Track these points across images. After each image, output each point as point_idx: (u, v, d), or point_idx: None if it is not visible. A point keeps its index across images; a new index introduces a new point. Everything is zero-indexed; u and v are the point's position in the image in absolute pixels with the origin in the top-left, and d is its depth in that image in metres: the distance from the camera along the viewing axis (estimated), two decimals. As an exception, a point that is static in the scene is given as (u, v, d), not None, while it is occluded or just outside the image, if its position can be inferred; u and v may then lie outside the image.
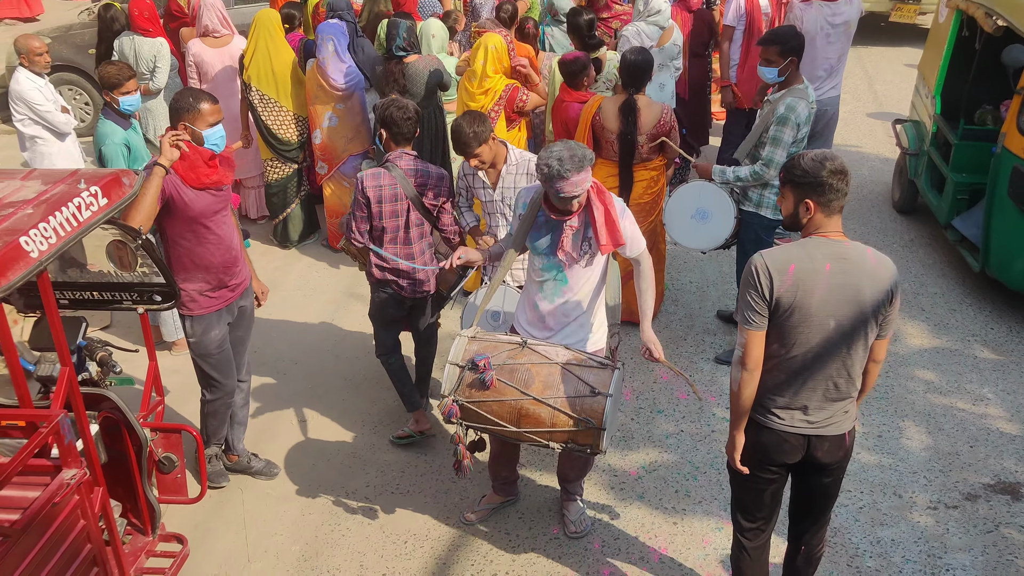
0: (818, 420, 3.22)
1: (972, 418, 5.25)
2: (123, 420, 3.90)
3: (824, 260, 3.04)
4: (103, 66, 5.33)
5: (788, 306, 3.05)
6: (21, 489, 3.17)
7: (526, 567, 4.31)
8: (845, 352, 3.11)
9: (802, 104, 5.01)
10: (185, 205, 4.09)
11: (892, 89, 10.18)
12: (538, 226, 3.87)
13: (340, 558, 4.40)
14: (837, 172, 3.05)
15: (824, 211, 3.09)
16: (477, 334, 3.84)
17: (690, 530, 4.50)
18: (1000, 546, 4.37)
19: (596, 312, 4.01)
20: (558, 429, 3.58)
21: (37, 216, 3.10)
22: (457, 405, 3.67)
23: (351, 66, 6.62)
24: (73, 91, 9.48)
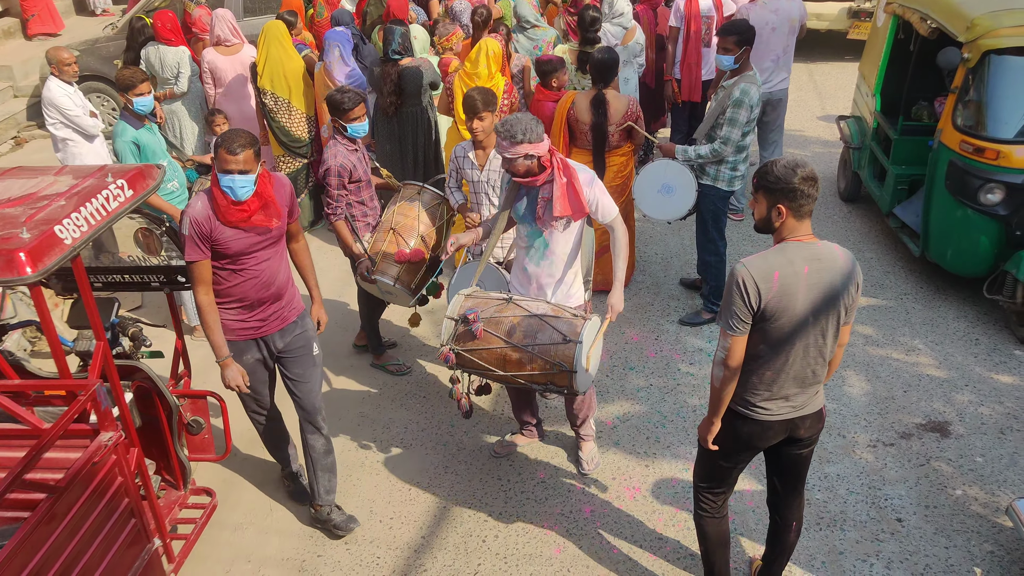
0: (799, 404, 3.13)
1: (905, 366, 5.27)
2: (154, 388, 3.89)
3: (803, 263, 2.93)
4: (119, 70, 5.28)
5: (774, 311, 2.94)
6: (65, 451, 3.15)
7: (516, 508, 4.32)
8: (821, 342, 3.04)
9: (753, 88, 5.03)
10: (218, 242, 3.55)
11: (841, 95, 10.04)
12: (519, 195, 3.99)
13: (352, 505, 4.40)
14: (808, 179, 2.91)
15: (795, 216, 2.96)
16: (472, 292, 3.92)
17: (660, 472, 4.52)
18: (931, 478, 4.40)
19: (575, 270, 4.10)
20: (537, 372, 3.64)
21: (70, 207, 3.07)
22: (453, 353, 3.75)
23: (354, 69, 6.62)
24: (101, 98, 9.36)
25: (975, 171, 5.29)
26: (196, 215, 3.51)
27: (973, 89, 5.36)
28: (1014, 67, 5.29)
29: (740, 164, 5.28)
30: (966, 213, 5.42)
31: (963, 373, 5.18)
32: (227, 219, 3.52)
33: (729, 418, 3.21)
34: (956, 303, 5.87)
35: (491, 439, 4.81)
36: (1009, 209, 5.25)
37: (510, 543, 4.12)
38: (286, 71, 6.64)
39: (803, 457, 3.32)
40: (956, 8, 5.54)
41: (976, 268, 5.63)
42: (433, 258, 4.69)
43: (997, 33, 5.17)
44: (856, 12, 10.40)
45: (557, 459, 4.64)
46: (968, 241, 5.53)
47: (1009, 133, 5.24)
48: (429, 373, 5.43)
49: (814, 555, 3.96)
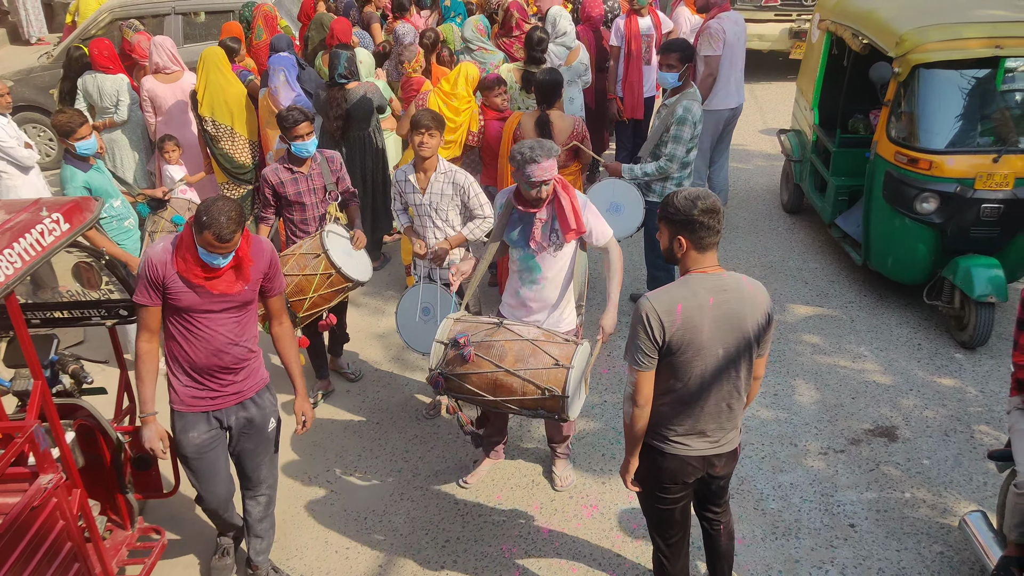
0: (716, 440, 3.09)
1: (852, 373, 5.37)
2: (98, 426, 3.78)
3: (707, 295, 2.89)
4: (55, 115, 5.14)
5: (679, 344, 2.89)
6: (2, 496, 3.04)
7: (474, 532, 4.28)
8: (734, 375, 2.99)
9: (696, 105, 5.10)
10: (170, 291, 3.31)
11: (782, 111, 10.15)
12: (512, 222, 3.98)
13: (306, 536, 4.32)
14: (708, 211, 2.87)
15: (696, 248, 2.92)
16: (461, 316, 3.91)
17: (617, 488, 4.52)
18: (881, 481, 4.47)
19: (567, 294, 4.10)
20: (528, 397, 3.61)
21: (2, 243, 2.97)
22: (442, 377, 3.71)
23: (299, 94, 6.56)
24: (37, 128, 9.14)
25: (910, 181, 5.42)
26: (154, 257, 3.29)
27: (905, 102, 5.50)
28: (942, 80, 5.44)
29: (684, 180, 5.34)
30: (903, 222, 5.55)
31: (907, 378, 5.29)
32: (186, 275, 3.28)
33: (649, 453, 3.16)
34: (898, 309, 6.01)
35: (445, 464, 4.77)
36: (943, 217, 5.38)
37: (468, 567, 4.08)
38: (227, 97, 6.57)
39: (722, 488, 3.32)
40: (886, 24, 5.68)
41: (915, 275, 5.76)
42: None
43: (925, 48, 5.30)
44: (797, 32, 10.58)
45: (514, 479, 4.62)
46: (906, 249, 5.65)
47: (940, 144, 5.37)
48: (381, 399, 5.37)
49: (771, 564, 4.00)
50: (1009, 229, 5.36)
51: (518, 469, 4.69)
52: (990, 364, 5.38)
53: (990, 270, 5.27)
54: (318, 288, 4.49)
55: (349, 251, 4.75)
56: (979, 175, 5.22)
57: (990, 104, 5.56)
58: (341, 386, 5.47)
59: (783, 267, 6.65)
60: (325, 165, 4.90)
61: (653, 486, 3.23)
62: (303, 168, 4.80)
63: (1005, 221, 5.30)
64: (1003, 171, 5.21)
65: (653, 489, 3.23)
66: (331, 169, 4.94)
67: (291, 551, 4.23)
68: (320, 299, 4.54)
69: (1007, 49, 5.19)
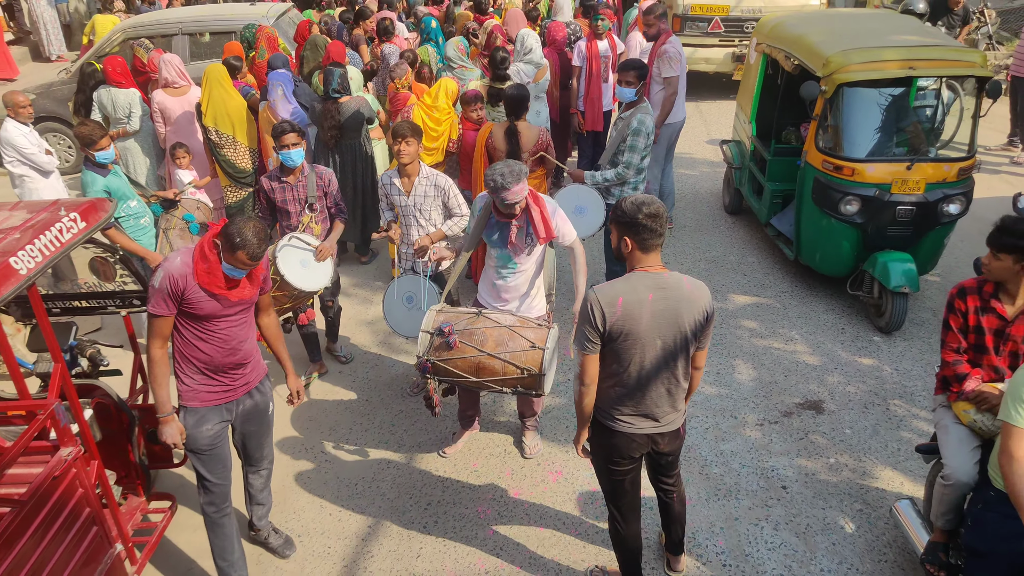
0: (659, 421, 3.11)
1: (785, 354, 5.43)
2: (114, 404, 3.74)
3: (647, 291, 2.90)
4: (78, 127, 5.07)
5: (619, 332, 2.91)
6: (27, 467, 3.00)
7: (452, 495, 4.29)
8: (672, 364, 2.99)
9: (648, 118, 5.13)
10: (190, 302, 3.18)
11: (725, 125, 10.21)
12: (490, 226, 3.99)
13: (303, 501, 4.30)
14: (652, 215, 2.87)
15: (640, 248, 2.93)
16: (443, 308, 3.90)
17: (578, 456, 4.52)
18: (810, 449, 4.54)
19: (537, 286, 4.13)
20: (508, 377, 3.63)
21: (24, 239, 2.93)
22: (430, 363, 3.71)
23: (296, 107, 6.51)
24: (57, 137, 8.96)
25: (835, 186, 5.46)
26: (173, 271, 3.13)
27: (831, 116, 5.55)
28: (863, 98, 5.53)
29: (640, 184, 5.37)
30: (830, 222, 5.60)
31: (832, 358, 5.37)
32: (208, 287, 3.18)
33: (599, 430, 3.19)
34: (825, 298, 6.08)
35: (427, 436, 4.76)
36: (864, 217, 5.44)
37: (448, 527, 4.09)
38: (228, 109, 6.50)
39: (670, 463, 3.34)
40: (814, 48, 5.72)
41: (840, 269, 5.82)
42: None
43: (848, 69, 5.34)
44: (739, 56, 10.58)
45: (488, 448, 4.63)
46: (832, 246, 5.72)
47: (861, 153, 5.45)
48: (369, 378, 5.35)
49: (713, 522, 4.05)
50: (921, 228, 5.44)
51: (492, 440, 4.71)
52: (904, 346, 5.47)
53: (904, 264, 5.36)
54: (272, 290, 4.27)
55: (306, 261, 4.47)
56: (895, 180, 5.30)
57: (904, 118, 5.66)
58: (333, 367, 5.45)
59: (724, 261, 6.71)
60: (312, 179, 4.73)
61: (604, 459, 3.25)
62: (290, 179, 4.71)
63: (917, 221, 5.39)
64: (915, 177, 5.29)
65: (604, 461, 3.26)
66: (318, 183, 4.76)
67: (289, 514, 4.21)
68: (273, 300, 4.11)
69: (919, 70, 5.28)
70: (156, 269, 3.18)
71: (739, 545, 3.91)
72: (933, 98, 6.30)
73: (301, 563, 3.91)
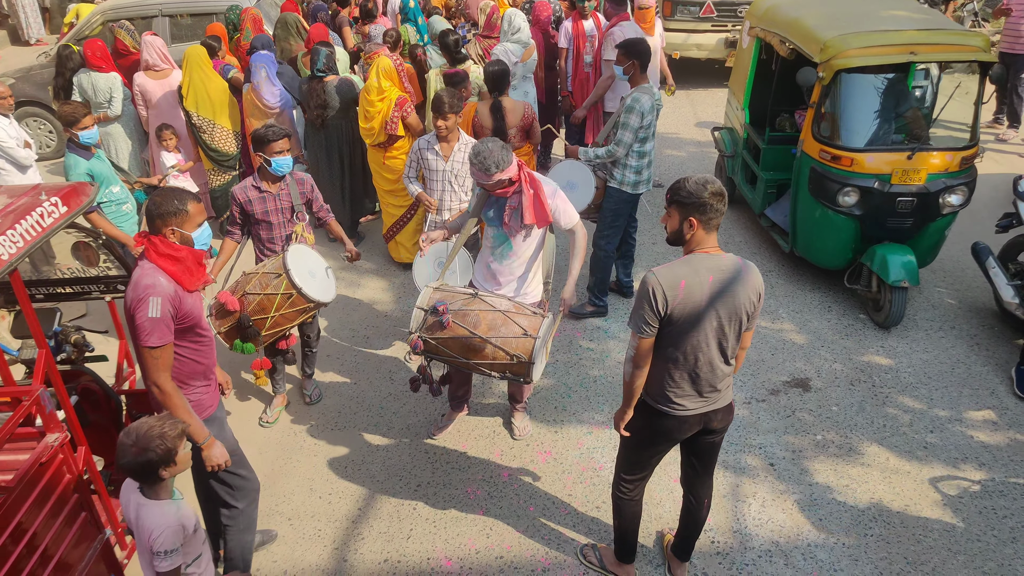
0: (711, 398, 3.09)
1: (772, 332, 5.47)
2: (100, 390, 3.72)
3: (708, 273, 2.87)
4: (61, 107, 4.99)
5: (680, 316, 2.88)
6: (13, 454, 2.99)
7: (442, 476, 4.31)
8: (726, 344, 2.98)
9: (645, 97, 4.98)
10: (187, 315, 3.02)
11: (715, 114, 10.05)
12: (489, 202, 3.95)
13: (293, 484, 4.31)
14: (717, 194, 2.85)
15: (705, 228, 2.89)
16: (441, 286, 3.86)
17: (567, 436, 4.57)
18: (796, 426, 4.58)
19: (534, 271, 4.07)
20: (498, 362, 3.61)
21: (5, 225, 2.89)
22: (421, 340, 3.69)
23: (280, 89, 6.45)
24: (37, 121, 8.84)
25: (833, 176, 5.30)
26: (166, 293, 2.91)
27: (828, 104, 5.37)
28: (862, 84, 5.34)
29: (644, 169, 5.21)
30: (827, 213, 5.43)
31: (819, 337, 5.41)
32: (196, 284, 3.05)
33: (649, 414, 3.15)
34: (812, 277, 6.11)
35: (416, 418, 4.78)
36: (863, 209, 5.28)
37: (438, 508, 4.11)
38: (209, 92, 6.44)
39: (715, 444, 3.29)
40: (810, 31, 5.53)
41: (837, 261, 5.68)
42: (243, 319, 3.97)
43: (847, 54, 5.16)
44: (732, 42, 10.31)
45: (477, 430, 4.65)
46: (829, 238, 5.56)
47: (860, 143, 5.27)
48: (358, 362, 5.35)
49: (701, 499, 4.08)
50: (921, 220, 5.27)
51: (480, 421, 4.73)
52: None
53: (904, 257, 5.22)
54: (279, 307, 3.99)
55: (313, 271, 4.20)
56: (895, 171, 5.14)
57: (904, 106, 5.51)
58: (322, 352, 5.40)
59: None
60: (294, 186, 4.42)
61: (647, 439, 3.23)
62: (272, 188, 4.35)
63: (918, 212, 5.22)
64: (917, 167, 5.12)
65: (646, 442, 3.25)
66: (300, 191, 4.46)
67: (279, 498, 4.22)
68: (282, 318, 4.03)
69: (921, 55, 5.10)
70: (141, 302, 2.88)
71: (727, 522, 3.95)
72: (933, 84, 6.13)
73: (292, 546, 3.93)
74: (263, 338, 4.05)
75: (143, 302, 2.88)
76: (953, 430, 4.51)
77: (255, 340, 3.98)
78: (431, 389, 3.96)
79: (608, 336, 5.49)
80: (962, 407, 4.69)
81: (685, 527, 3.56)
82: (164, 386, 2.97)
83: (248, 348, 3.97)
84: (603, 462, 4.36)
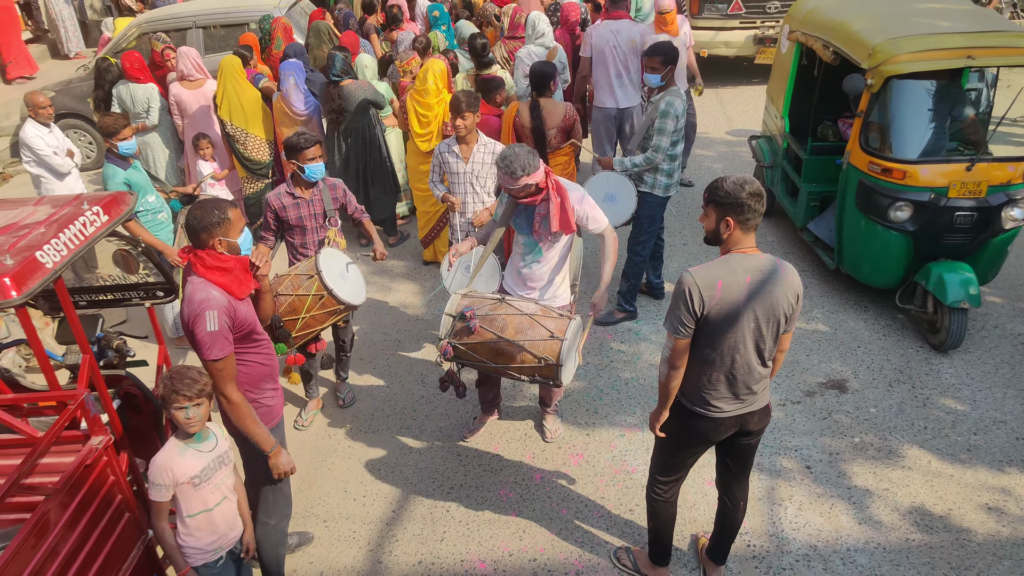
0: (747, 400, 3.07)
1: (807, 333, 5.41)
2: (141, 394, 3.82)
3: (745, 274, 2.86)
4: (101, 117, 5.14)
5: (716, 316, 2.87)
6: (59, 456, 3.09)
7: (474, 479, 4.35)
8: (763, 346, 2.97)
9: (678, 100, 4.97)
10: (243, 322, 3.10)
11: (748, 112, 9.92)
12: (518, 210, 4.00)
13: (328, 486, 4.38)
14: (755, 194, 2.83)
15: (742, 228, 2.88)
16: (469, 292, 3.93)
17: (599, 439, 4.58)
18: (833, 428, 4.53)
19: (562, 274, 4.12)
20: (526, 365, 3.65)
21: (49, 234, 3.00)
22: (450, 346, 3.75)
23: (309, 96, 6.58)
24: (78, 133, 9.11)
25: (884, 190, 4.99)
26: (220, 305, 2.97)
27: (878, 113, 5.10)
28: (915, 91, 5.07)
29: (675, 172, 5.20)
30: (877, 229, 5.12)
31: (855, 336, 5.34)
32: (247, 291, 3.13)
33: (685, 415, 3.15)
34: (847, 276, 6.00)
35: (448, 421, 4.82)
36: (917, 225, 4.98)
37: (471, 510, 4.14)
38: (242, 102, 6.58)
39: (751, 446, 3.28)
40: (857, 36, 5.21)
41: (888, 280, 5.36)
42: (274, 319, 4.03)
43: (897, 59, 4.84)
44: (761, 39, 10.10)
45: (509, 433, 4.68)
46: (880, 255, 5.24)
47: (913, 154, 4.98)
48: (390, 366, 5.41)
49: (736, 502, 4.06)
50: (981, 235, 4.93)
51: (512, 424, 4.75)
52: (929, 323, 5.43)
53: (963, 275, 4.88)
54: (310, 309, 4.07)
55: (344, 275, 4.28)
56: (952, 183, 4.82)
57: (961, 113, 5.20)
58: (355, 356, 5.49)
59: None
60: (327, 192, 4.53)
61: (682, 441, 3.24)
62: (305, 194, 4.45)
63: (977, 227, 4.89)
64: (976, 179, 4.80)
65: (682, 444, 3.25)
66: (333, 196, 4.56)
67: (314, 500, 4.29)
68: (312, 320, 4.11)
69: (979, 59, 4.76)
70: (199, 316, 2.94)
71: (763, 525, 3.93)
72: (989, 88, 5.71)
73: (327, 547, 4.00)
74: (294, 339, 4.15)
75: (200, 317, 2.94)
76: (997, 432, 4.43)
77: (286, 340, 4.09)
78: (457, 392, 4.00)
79: (639, 338, 5.49)
80: (1007, 409, 4.60)
81: (720, 530, 3.55)
82: (232, 396, 3.06)
83: (280, 348, 4.06)
84: (636, 465, 4.36)
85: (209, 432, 3.07)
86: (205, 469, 3.00)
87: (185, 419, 2.90)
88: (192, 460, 2.98)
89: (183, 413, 2.89)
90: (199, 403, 2.91)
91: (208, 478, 3.02)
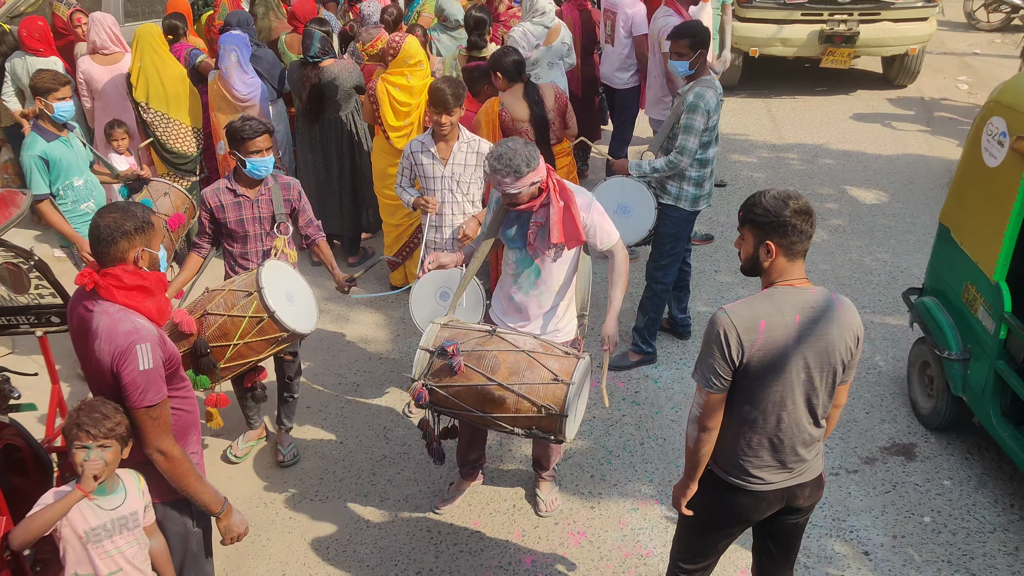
0: (796, 469, 3.02)
1: (865, 387, 5.41)
2: (27, 446, 3.74)
3: (793, 312, 2.82)
4: (37, 72, 5.20)
5: (759, 366, 2.83)
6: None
7: (448, 563, 4.29)
8: (815, 401, 2.93)
9: (710, 92, 4.99)
10: (171, 356, 3.01)
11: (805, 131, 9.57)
12: (509, 219, 3.96)
13: (262, 569, 4.31)
14: (801, 212, 2.80)
15: (787, 254, 2.85)
16: (450, 322, 3.85)
17: (607, 513, 4.54)
18: (898, 504, 4.52)
19: (567, 302, 4.08)
20: (522, 415, 3.58)
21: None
22: (426, 389, 3.66)
23: (254, 77, 6.58)
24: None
25: None
26: (154, 339, 2.89)
27: None
28: None
29: (705, 181, 5.21)
30: None
31: (926, 390, 5.34)
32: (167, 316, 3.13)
33: (720, 489, 3.10)
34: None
35: (417, 487, 4.77)
36: None
37: (443, 603, 4.09)
38: (163, 80, 6.55)
39: (799, 526, 3.24)
40: None
41: None
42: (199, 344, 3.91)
43: None
44: (829, 36, 9.77)
45: (494, 503, 4.63)
46: None
47: None
48: (345, 415, 5.37)
49: (777, 597, 4.01)
50: None
51: (497, 492, 4.71)
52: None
53: None
54: (245, 334, 3.91)
55: (291, 295, 4.17)
56: None
57: None
58: (301, 403, 5.41)
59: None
60: (277, 191, 4.48)
61: (711, 520, 3.20)
62: (249, 192, 4.42)
63: None
64: None
65: (709, 523, 3.21)
66: (285, 197, 4.50)
67: (244, 586, 4.22)
68: (247, 348, 3.95)
69: None
70: (127, 353, 2.83)
71: (810, 626, 3.89)
72: None
73: (259, 647, 3.91)
74: (221, 371, 4.00)
75: (130, 354, 2.80)
76: (1101, 513, 4.42)
77: (210, 372, 3.94)
78: (430, 450, 3.93)
79: (659, 387, 5.47)
80: (1112, 483, 4.60)
81: None
82: (170, 451, 2.95)
83: (202, 381, 3.93)
84: (652, 547, 4.31)
85: (118, 486, 2.98)
86: (98, 528, 2.91)
87: (83, 460, 2.80)
88: (87, 511, 2.88)
89: (83, 454, 2.80)
90: (105, 445, 2.82)
91: (98, 540, 2.91)
